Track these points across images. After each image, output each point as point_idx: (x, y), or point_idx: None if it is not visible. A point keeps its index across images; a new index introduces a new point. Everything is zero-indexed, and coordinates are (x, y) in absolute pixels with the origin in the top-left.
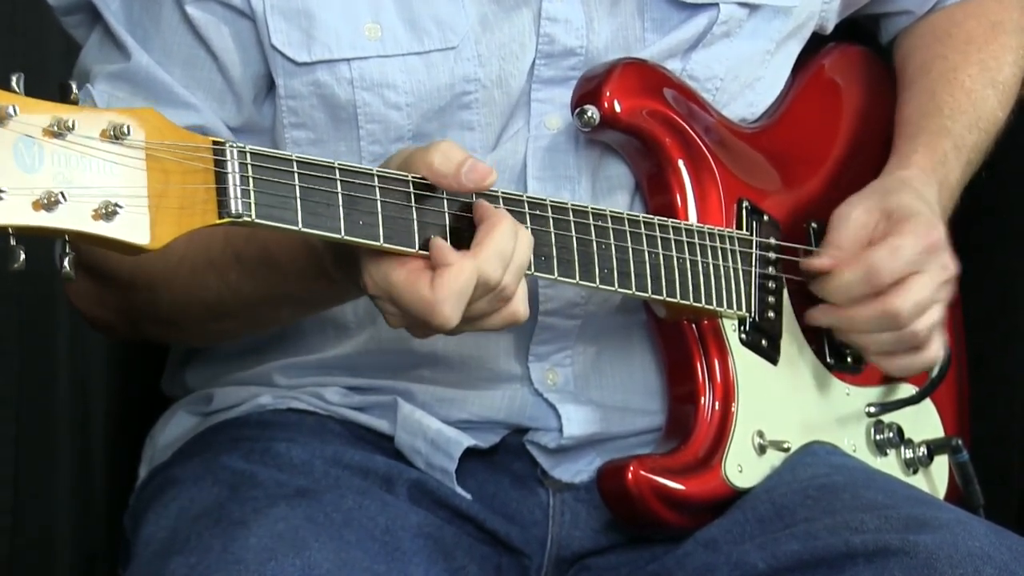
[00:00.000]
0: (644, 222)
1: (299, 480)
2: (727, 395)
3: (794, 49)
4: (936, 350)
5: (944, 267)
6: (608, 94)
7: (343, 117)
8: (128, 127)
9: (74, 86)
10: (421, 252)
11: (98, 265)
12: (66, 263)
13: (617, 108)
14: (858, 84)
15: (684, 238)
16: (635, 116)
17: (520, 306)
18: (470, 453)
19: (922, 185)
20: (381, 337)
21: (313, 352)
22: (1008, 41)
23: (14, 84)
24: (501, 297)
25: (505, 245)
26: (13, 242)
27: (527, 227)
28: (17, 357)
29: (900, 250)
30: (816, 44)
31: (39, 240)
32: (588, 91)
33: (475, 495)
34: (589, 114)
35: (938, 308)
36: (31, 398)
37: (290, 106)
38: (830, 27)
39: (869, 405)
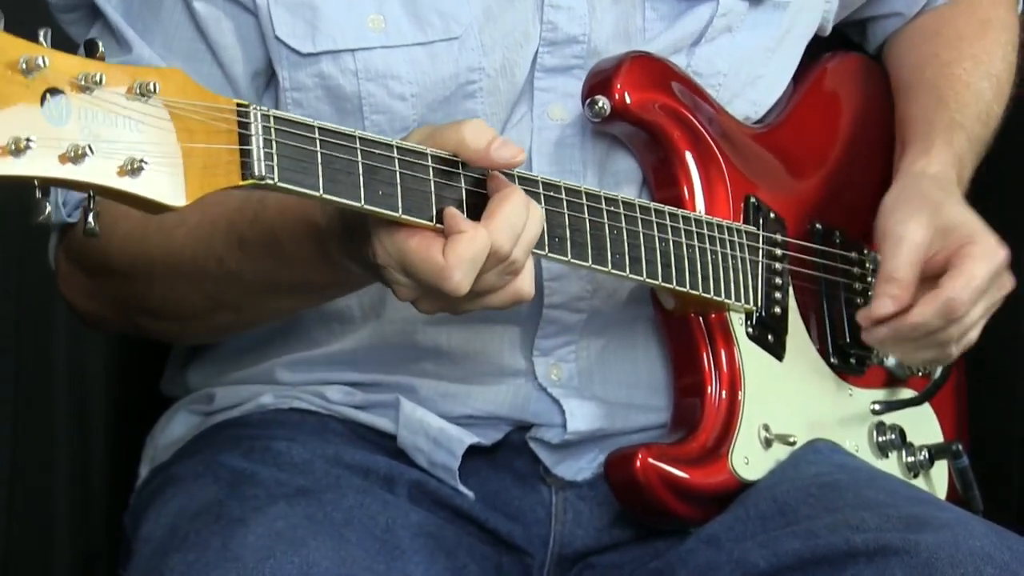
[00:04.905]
0: (655, 210)
1: (299, 479)
2: (733, 385)
3: (796, 49)
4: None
5: (1003, 286)
6: (619, 86)
7: (348, 109)
8: (154, 85)
9: (100, 44)
10: (437, 226)
11: (97, 256)
12: (90, 218)
13: (628, 100)
14: (858, 89)
15: (694, 228)
16: (645, 108)
17: (526, 283)
18: (472, 451)
19: (954, 186)
20: (385, 331)
21: (317, 347)
22: (998, 37)
23: (41, 39)
24: (510, 271)
25: (516, 218)
26: (39, 195)
27: (541, 207)
28: (14, 356)
29: (975, 280)
30: (815, 52)
31: (37, 240)
32: (599, 82)
33: (477, 493)
34: (600, 104)
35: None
36: (29, 398)
37: (295, 98)
38: (829, 28)
39: (874, 403)
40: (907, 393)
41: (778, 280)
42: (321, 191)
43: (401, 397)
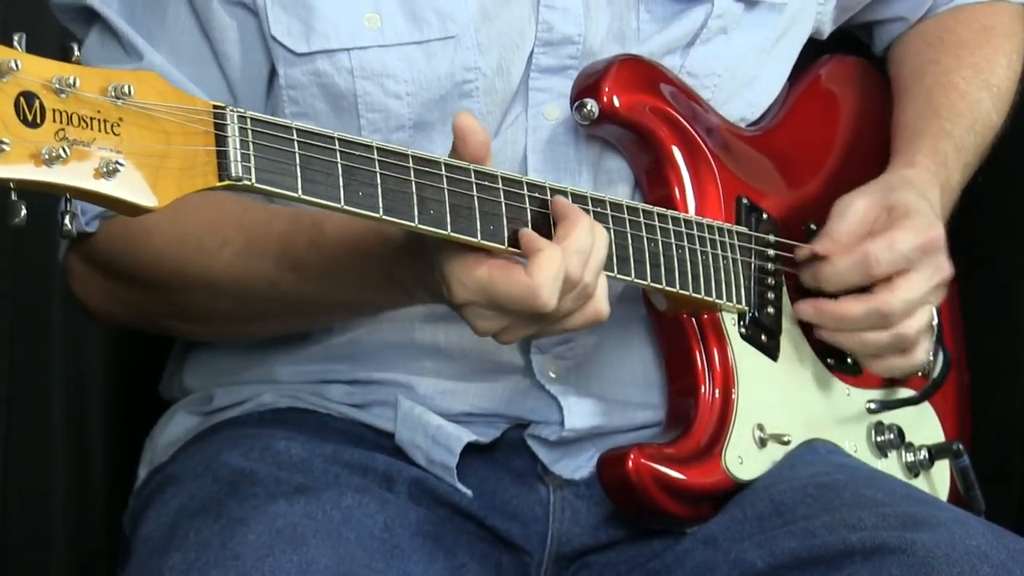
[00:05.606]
0: (643, 211)
1: (298, 478)
2: (727, 384)
3: (791, 51)
4: (922, 354)
5: (939, 268)
6: (607, 89)
7: (344, 107)
8: (129, 88)
9: (76, 48)
10: (420, 227)
11: (125, 267)
12: (66, 220)
13: (616, 103)
14: (854, 92)
15: (684, 229)
16: (634, 111)
17: (602, 304)
18: (470, 450)
19: (925, 185)
20: (382, 329)
21: (315, 344)
22: (1001, 44)
23: (16, 44)
24: (584, 294)
25: (584, 242)
26: (14, 197)
27: (526, 208)
28: (11, 357)
29: (897, 243)
30: (813, 55)
31: (34, 240)
32: (587, 85)
33: (475, 492)
34: (588, 107)
35: (927, 310)
36: (27, 399)
37: (291, 96)
38: (826, 32)
39: (870, 401)
40: (906, 393)
41: (771, 280)
42: (299, 192)
43: (399, 395)
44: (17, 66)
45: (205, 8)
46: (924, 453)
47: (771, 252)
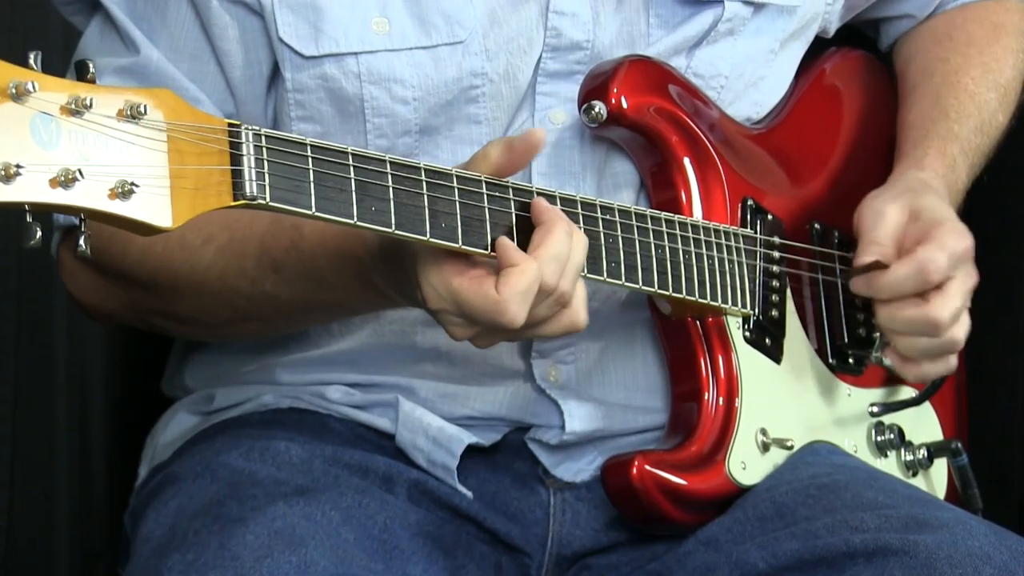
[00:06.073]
0: (651, 217)
1: (298, 479)
2: (731, 391)
3: (798, 50)
4: (955, 360)
5: (970, 275)
6: (615, 90)
7: (350, 111)
8: (145, 107)
9: (91, 65)
10: (432, 241)
11: (112, 264)
12: (81, 241)
13: (624, 104)
14: (860, 87)
15: (690, 234)
16: (642, 113)
17: (580, 313)
18: (471, 452)
19: (940, 189)
20: (383, 332)
21: (316, 348)
22: (1010, 43)
23: (32, 62)
24: (559, 302)
25: (559, 248)
26: (29, 219)
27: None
28: (14, 356)
29: (947, 250)
30: (818, 48)
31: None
32: (595, 87)
33: (476, 494)
34: (596, 110)
35: (966, 316)
36: (29, 398)
37: (297, 99)
38: (832, 30)
39: (872, 405)
40: (906, 392)
41: (775, 283)
42: (313, 209)
43: (400, 396)
44: (34, 88)
45: (204, 6)
46: (923, 452)
47: (776, 254)
